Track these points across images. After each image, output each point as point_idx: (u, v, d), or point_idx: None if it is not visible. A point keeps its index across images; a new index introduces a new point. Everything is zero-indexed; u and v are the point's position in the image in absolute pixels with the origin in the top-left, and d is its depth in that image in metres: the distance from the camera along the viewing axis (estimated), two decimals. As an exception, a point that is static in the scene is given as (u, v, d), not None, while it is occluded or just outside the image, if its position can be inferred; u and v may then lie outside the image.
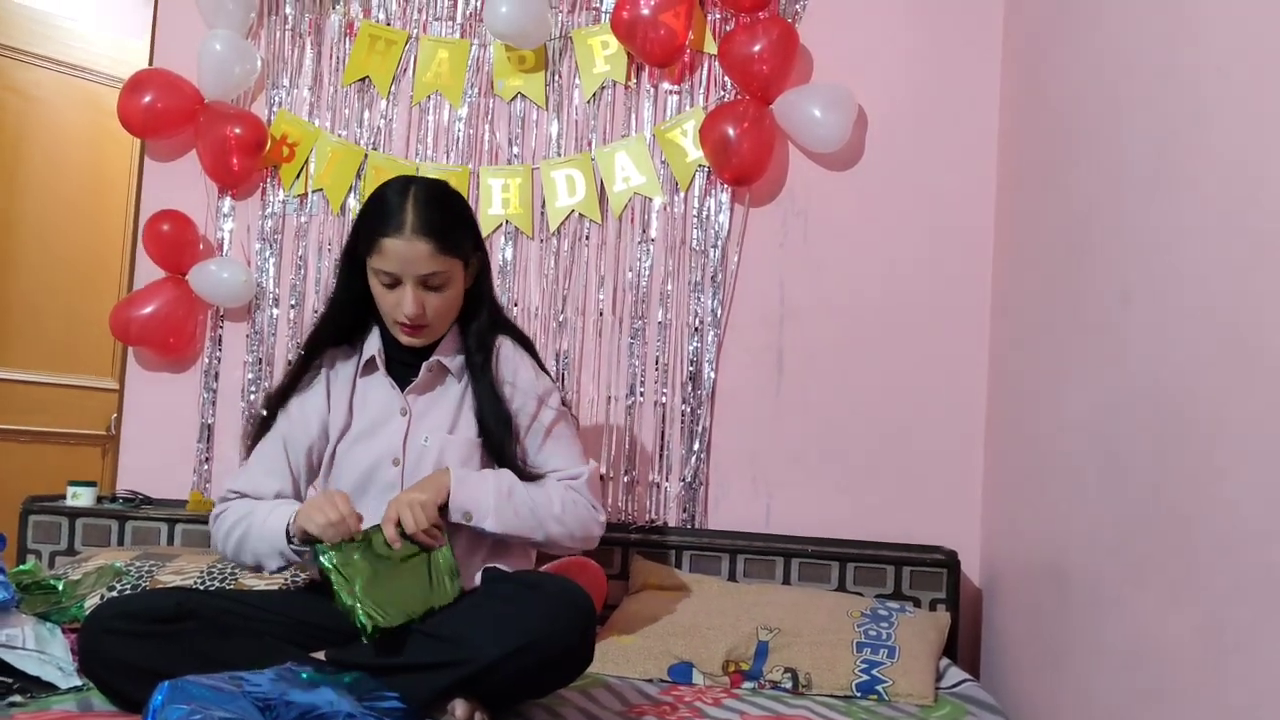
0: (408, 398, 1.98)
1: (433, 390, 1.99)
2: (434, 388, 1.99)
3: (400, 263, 1.86)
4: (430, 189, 1.93)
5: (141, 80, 2.85)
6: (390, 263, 1.86)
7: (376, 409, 1.99)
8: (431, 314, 1.90)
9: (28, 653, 1.81)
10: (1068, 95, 2.05)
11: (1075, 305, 1.90)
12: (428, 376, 1.98)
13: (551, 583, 1.79)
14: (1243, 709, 1.18)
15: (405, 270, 1.86)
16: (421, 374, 1.97)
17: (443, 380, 2.00)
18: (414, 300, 1.87)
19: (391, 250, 1.85)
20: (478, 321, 2.00)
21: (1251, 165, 1.22)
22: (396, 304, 1.89)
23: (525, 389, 2.01)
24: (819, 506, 2.65)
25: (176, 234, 2.84)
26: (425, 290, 1.88)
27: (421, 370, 1.97)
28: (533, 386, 2.02)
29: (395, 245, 1.85)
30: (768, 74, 2.60)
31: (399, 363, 1.99)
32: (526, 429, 2.00)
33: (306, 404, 2.00)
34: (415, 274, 1.86)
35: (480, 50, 2.85)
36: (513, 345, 2.05)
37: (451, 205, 1.95)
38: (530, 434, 2.00)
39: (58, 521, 2.69)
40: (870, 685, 2.07)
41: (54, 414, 3.82)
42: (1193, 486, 1.34)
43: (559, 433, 2.03)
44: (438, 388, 1.99)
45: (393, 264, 1.86)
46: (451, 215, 1.92)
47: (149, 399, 2.94)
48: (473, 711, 1.66)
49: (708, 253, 2.72)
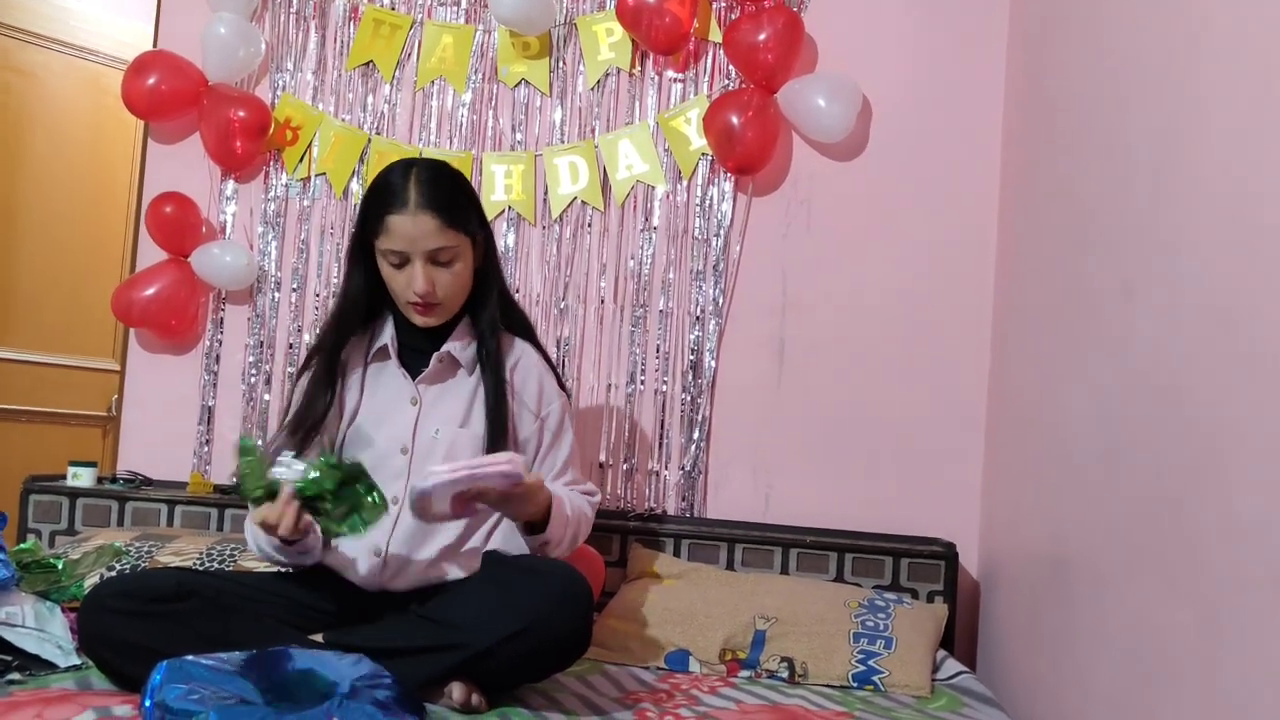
0: (418, 387, 1.98)
1: (443, 381, 1.99)
2: (444, 379, 1.99)
3: (408, 239, 1.87)
4: (433, 166, 1.95)
5: (145, 62, 2.85)
6: (398, 240, 1.87)
7: (387, 396, 1.99)
8: (442, 291, 1.91)
9: (27, 631, 1.81)
10: (1072, 86, 2.04)
11: (1077, 297, 1.90)
12: (439, 367, 1.98)
13: (549, 568, 1.80)
14: (1241, 698, 1.18)
15: (413, 246, 1.87)
16: (432, 364, 1.97)
17: (454, 372, 2.00)
18: (424, 277, 1.88)
19: (398, 228, 1.86)
20: (488, 310, 2.00)
21: (1254, 159, 1.22)
22: (407, 283, 1.90)
23: (549, 399, 2.04)
24: (818, 497, 2.65)
25: (179, 216, 2.84)
26: (435, 266, 1.89)
27: (432, 361, 1.97)
28: (557, 397, 2.06)
29: (402, 222, 1.86)
30: (772, 63, 2.60)
31: (411, 350, 2.00)
32: (551, 443, 2.03)
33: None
34: (424, 249, 1.87)
35: (484, 36, 2.85)
36: (535, 355, 2.07)
37: (455, 181, 1.96)
38: (554, 450, 2.03)
39: (58, 501, 2.69)
40: (867, 676, 2.07)
41: (55, 394, 3.82)
42: (1192, 478, 1.34)
43: (575, 449, 2.07)
44: (449, 379, 1.99)
45: (400, 241, 1.87)
46: (455, 191, 1.94)
47: (150, 381, 2.94)
48: (469, 694, 1.67)
49: (710, 241, 2.72)
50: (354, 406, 2.00)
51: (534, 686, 1.82)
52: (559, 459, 2.03)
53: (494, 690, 1.72)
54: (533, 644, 1.67)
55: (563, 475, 2.03)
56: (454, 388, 1.99)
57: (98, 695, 1.61)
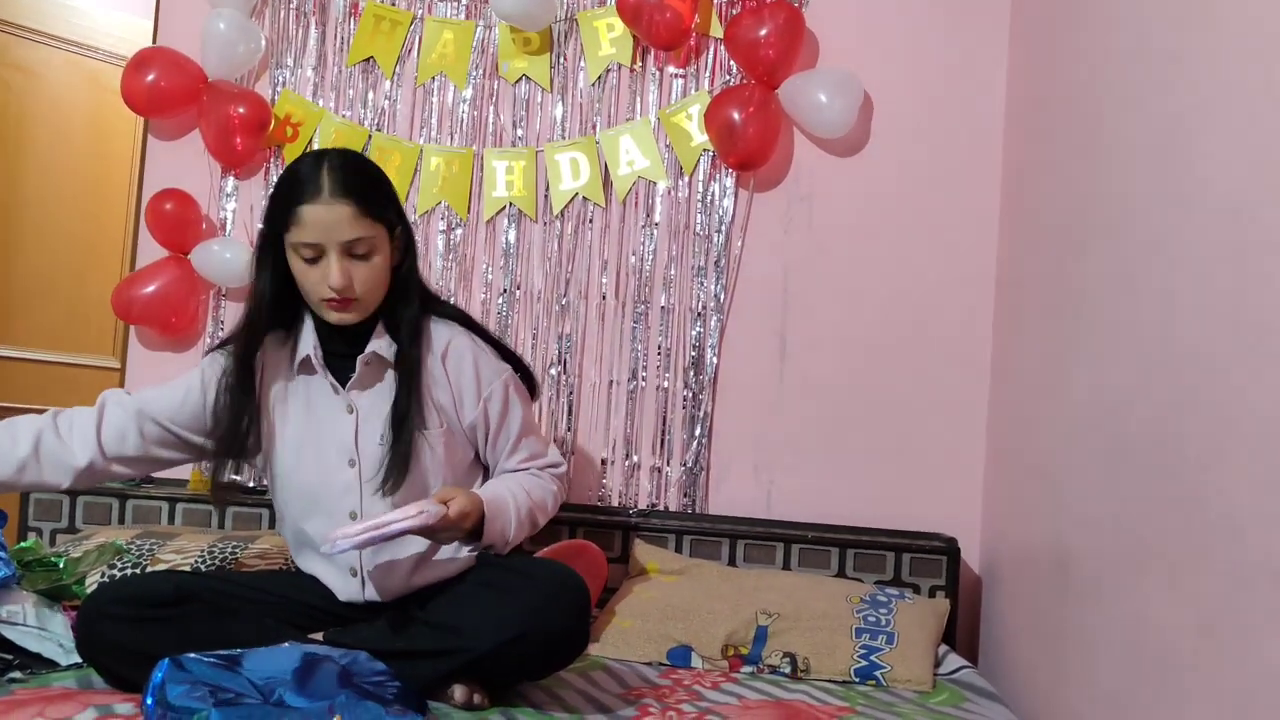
0: (350, 394, 1.87)
1: (374, 386, 1.87)
2: (374, 383, 1.87)
3: (322, 229, 1.74)
4: (344, 154, 1.83)
5: (145, 59, 2.84)
6: (310, 232, 1.75)
7: (321, 410, 1.88)
8: (359, 286, 1.78)
9: (28, 629, 1.81)
10: (1074, 81, 2.04)
11: (1078, 293, 1.89)
12: (366, 370, 1.86)
13: (546, 570, 1.80)
14: (1242, 694, 1.18)
15: (328, 237, 1.75)
16: (359, 369, 1.85)
17: (381, 375, 1.87)
18: (340, 270, 1.75)
19: (311, 218, 1.74)
20: (408, 308, 1.86)
21: (1258, 152, 1.21)
22: (321, 278, 1.77)
23: (488, 379, 1.91)
24: (820, 492, 2.65)
25: (179, 213, 2.83)
26: (351, 259, 1.77)
27: (358, 365, 1.85)
28: (497, 376, 1.92)
29: (314, 211, 1.74)
30: (773, 58, 2.59)
31: (336, 357, 1.87)
32: (499, 425, 1.93)
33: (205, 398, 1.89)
34: (339, 240, 1.75)
35: (485, 32, 2.84)
36: (466, 338, 1.92)
37: (369, 170, 1.85)
38: (503, 431, 1.94)
39: (59, 499, 2.69)
40: (869, 671, 2.07)
41: (56, 392, 3.80)
42: (1194, 473, 1.34)
43: (529, 425, 1.98)
44: (378, 384, 1.87)
45: (313, 233, 1.75)
46: (370, 179, 1.82)
47: (151, 378, 2.92)
48: (471, 695, 1.68)
49: (711, 237, 2.71)
50: (290, 425, 1.89)
51: (537, 684, 1.83)
52: (510, 437, 1.94)
53: (496, 689, 1.72)
54: (531, 647, 1.68)
55: (516, 452, 1.95)
56: (386, 391, 1.86)
57: (99, 693, 1.61)
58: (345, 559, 1.84)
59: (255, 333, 1.86)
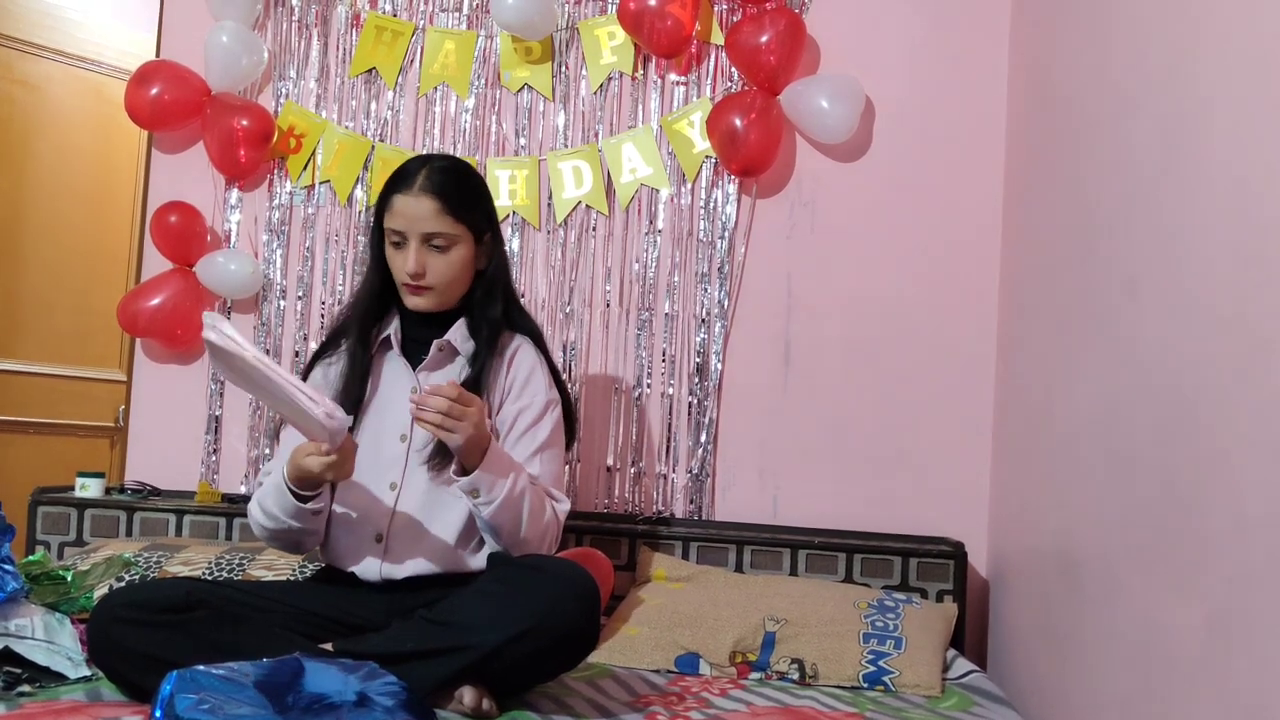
0: (418, 376, 1.99)
1: (442, 370, 2.01)
2: (443, 368, 2.01)
3: (406, 218, 1.93)
4: (448, 159, 2.04)
5: (148, 72, 2.85)
6: (398, 219, 1.94)
7: (390, 385, 2.01)
8: (433, 275, 1.94)
9: (36, 643, 1.81)
10: (1075, 86, 2.04)
11: (1083, 296, 1.89)
12: (438, 356, 2.00)
13: (555, 565, 1.80)
14: (1250, 697, 1.18)
15: (411, 227, 1.93)
16: (431, 353, 2.00)
17: (452, 361, 2.02)
18: (416, 257, 1.93)
19: (399, 206, 1.94)
20: (490, 308, 2.01)
21: (1259, 156, 1.21)
22: (402, 263, 1.95)
23: (536, 389, 2.03)
24: (826, 498, 2.65)
25: (184, 226, 2.84)
26: (429, 250, 1.94)
27: (431, 349, 1.99)
28: (544, 392, 2.03)
29: (403, 200, 1.93)
30: (775, 65, 2.59)
31: (414, 342, 2.02)
32: (526, 429, 2.00)
33: (328, 375, 2.03)
34: (419, 231, 1.92)
35: (487, 41, 2.85)
36: (534, 350, 2.07)
37: (465, 177, 2.02)
38: (527, 435, 2.00)
39: (66, 512, 2.70)
40: (877, 676, 2.07)
41: (62, 405, 3.83)
42: (1200, 476, 1.33)
43: (554, 452, 2.03)
44: (447, 368, 2.01)
45: (399, 220, 1.94)
46: (463, 184, 1.99)
47: (157, 390, 2.94)
48: (480, 698, 1.67)
49: (715, 244, 2.72)
50: (357, 396, 2.01)
51: (544, 691, 1.82)
52: (533, 445, 1.99)
53: (505, 693, 1.72)
54: (539, 643, 1.68)
55: (531, 464, 1.98)
56: (452, 375, 1.99)
57: (108, 706, 1.61)
58: (374, 524, 1.93)
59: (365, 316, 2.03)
